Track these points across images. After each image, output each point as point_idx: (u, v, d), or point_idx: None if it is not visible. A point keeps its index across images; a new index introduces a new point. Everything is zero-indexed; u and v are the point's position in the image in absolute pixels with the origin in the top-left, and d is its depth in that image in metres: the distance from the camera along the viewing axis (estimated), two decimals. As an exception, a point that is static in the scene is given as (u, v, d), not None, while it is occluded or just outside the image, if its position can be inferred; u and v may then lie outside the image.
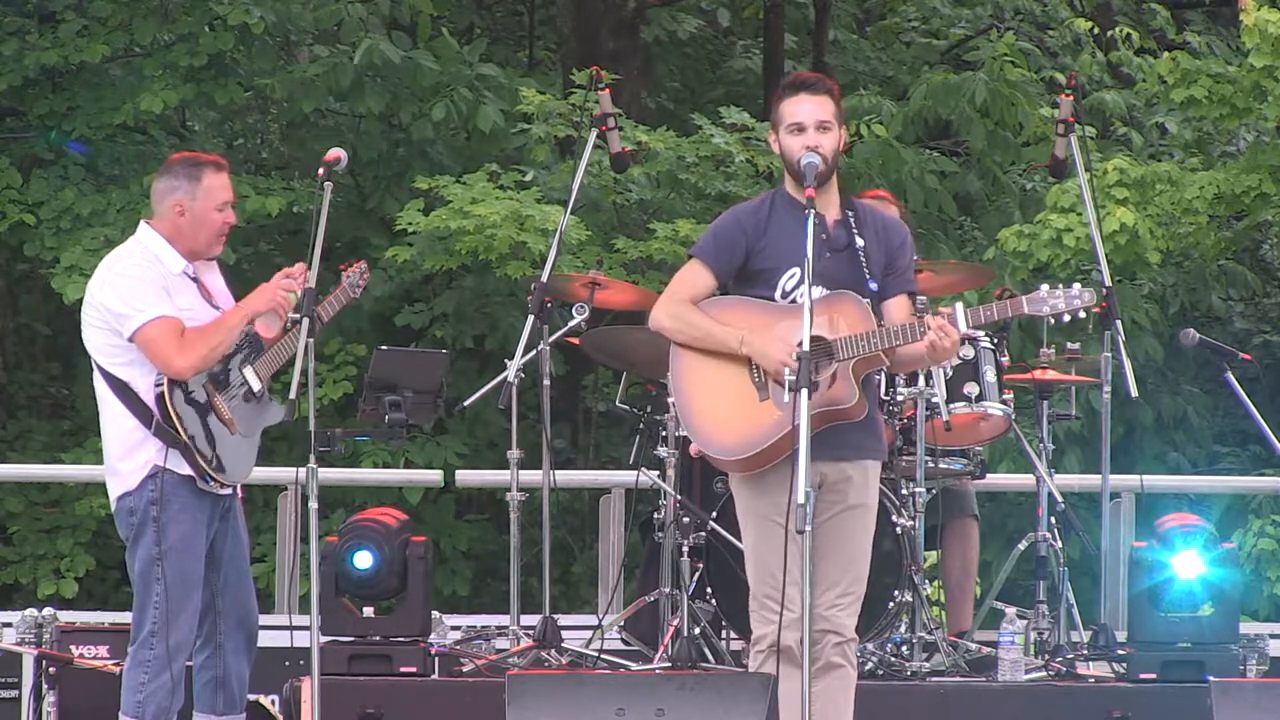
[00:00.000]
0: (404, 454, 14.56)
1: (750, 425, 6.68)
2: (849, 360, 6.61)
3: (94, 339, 7.25)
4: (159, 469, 7.14)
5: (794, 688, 6.51)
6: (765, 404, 6.67)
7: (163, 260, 7.24)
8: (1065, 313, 6.69)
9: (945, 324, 6.58)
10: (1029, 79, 15.01)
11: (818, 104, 6.76)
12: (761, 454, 6.67)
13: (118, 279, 7.22)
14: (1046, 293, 6.70)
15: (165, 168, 7.38)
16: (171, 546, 7.13)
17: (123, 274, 7.22)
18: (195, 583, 7.19)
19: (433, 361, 8.92)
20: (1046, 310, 6.70)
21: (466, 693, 8.29)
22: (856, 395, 6.62)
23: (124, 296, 7.16)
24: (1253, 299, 16.84)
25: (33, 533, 15.18)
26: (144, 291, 7.15)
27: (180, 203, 7.27)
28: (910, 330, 6.61)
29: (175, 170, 7.32)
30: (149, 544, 7.13)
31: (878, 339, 6.62)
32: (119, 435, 7.20)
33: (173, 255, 7.25)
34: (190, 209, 7.27)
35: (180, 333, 7.13)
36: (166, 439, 7.11)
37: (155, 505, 7.12)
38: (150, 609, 7.12)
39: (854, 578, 6.77)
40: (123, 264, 7.25)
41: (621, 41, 15.89)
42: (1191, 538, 8.58)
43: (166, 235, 7.27)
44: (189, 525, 7.17)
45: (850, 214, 6.82)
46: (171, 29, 14.87)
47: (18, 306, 16.71)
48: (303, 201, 14.65)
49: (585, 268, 12.72)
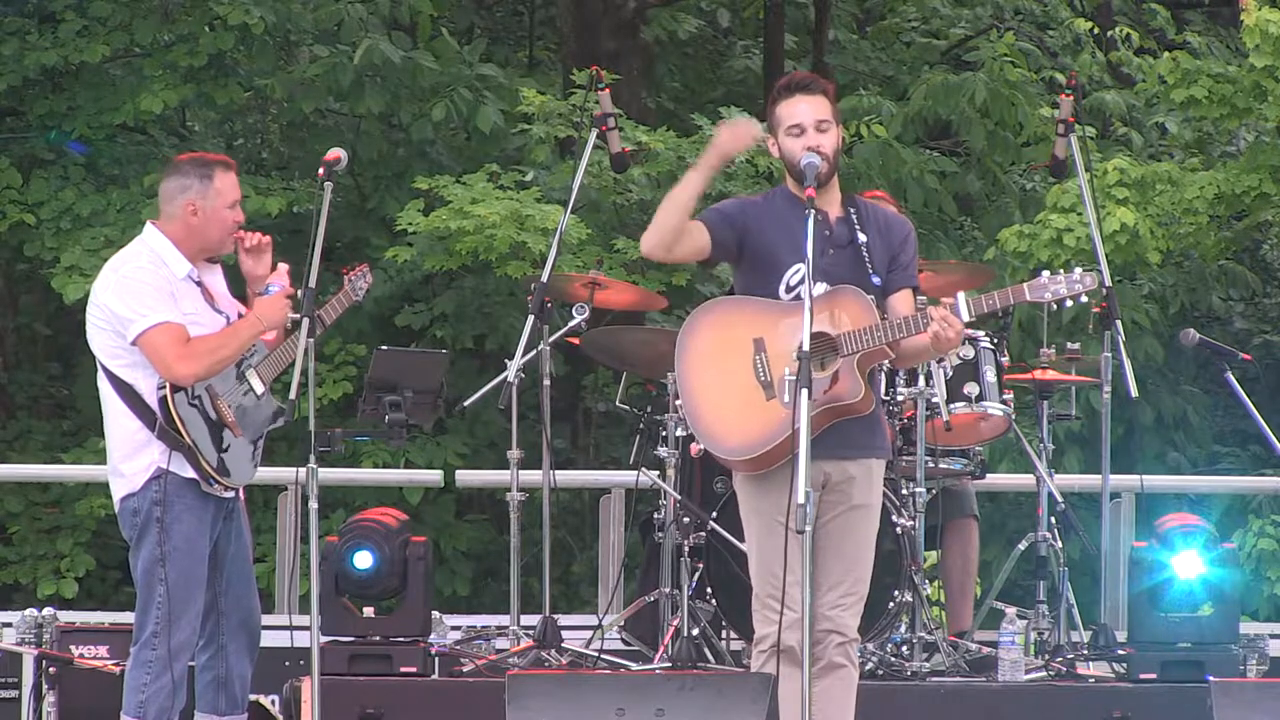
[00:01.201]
0: (404, 454, 14.56)
1: (757, 424, 6.68)
2: (853, 355, 6.62)
3: (97, 340, 7.24)
4: (162, 471, 7.13)
5: (795, 688, 6.51)
6: (772, 402, 6.67)
7: (168, 264, 7.22)
8: (1068, 298, 6.68)
9: (948, 314, 6.58)
10: (1029, 79, 15.01)
11: (814, 104, 6.76)
12: (768, 453, 6.66)
13: (122, 282, 7.20)
14: (1048, 279, 6.70)
15: (174, 168, 7.36)
16: (175, 548, 7.13)
17: (128, 277, 7.20)
18: (198, 584, 7.18)
19: (433, 361, 8.92)
20: (1049, 296, 6.69)
21: (466, 693, 8.30)
22: (862, 390, 6.63)
23: (128, 300, 7.14)
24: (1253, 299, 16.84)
25: (33, 533, 15.18)
26: (149, 296, 7.13)
27: (192, 202, 7.25)
28: (914, 322, 6.62)
29: (185, 170, 7.31)
30: (152, 545, 7.13)
31: (881, 333, 6.62)
32: (123, 437, 7.20)
33: (178, 259, 7.24)
34: (202, 208, 7.26)
35: (184, 340, 7.12)
36: (169, 442, 7.11)
37: (159, 506, 7.11)
38: (153, 610, 7.12)
39: (857, 578, 6.77)
40: (129, 266, 7.23)
41: (621, 41, 15.89)
42: (1191, 538, 8.58)
43: (174, 237, 7.25)
44: (192, 527, 7.16)
45: (852, 211, 6.84)
46: (171, 29, 14.87)
47: (18, 306, 16.70)
48: (303, 201, 14.66)
49: (585, 268, 12.72)
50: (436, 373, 8.63)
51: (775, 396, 6.66)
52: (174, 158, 7.44)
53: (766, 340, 6.72)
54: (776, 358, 6.69)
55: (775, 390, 6.67)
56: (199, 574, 7.18)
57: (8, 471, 14.45)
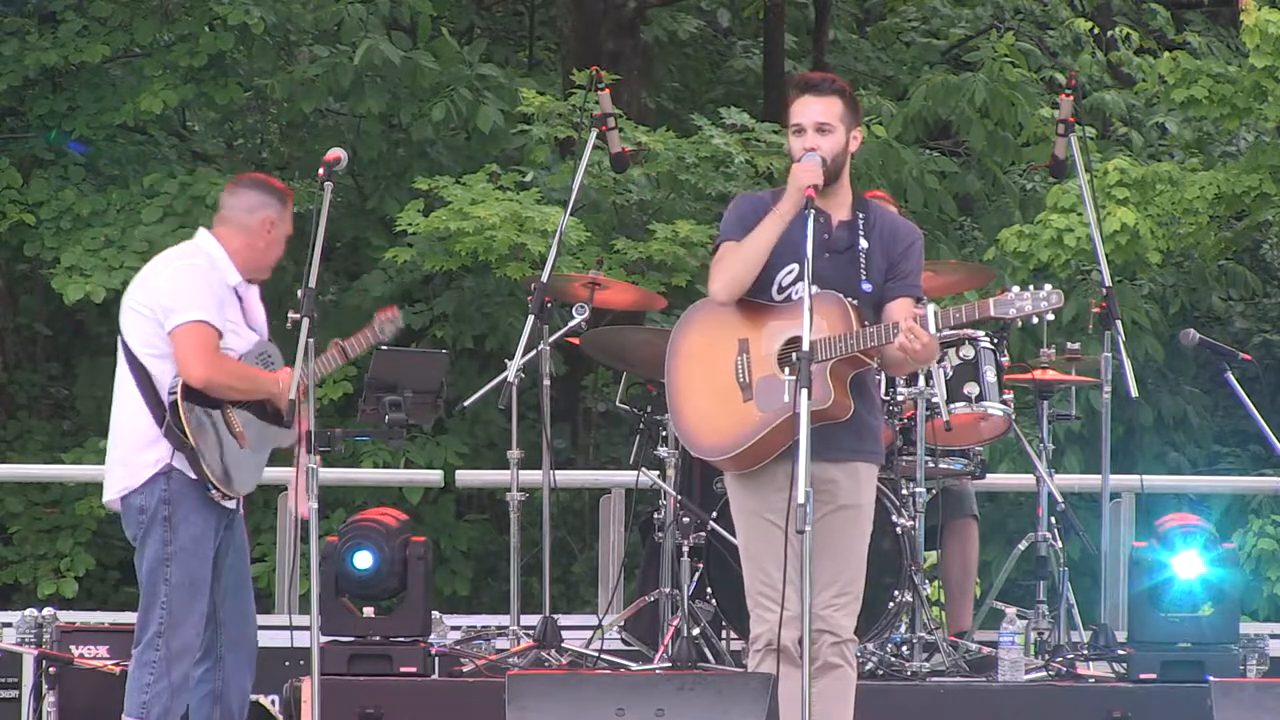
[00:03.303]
0: (404, 454, 14.56)
1: (732, 426, 6.67)
2: (826, 361, 6.58)
3: (135, 328, 7.20)
4: (170, 468, 7.13)
5: (792, 688, 6.52)
6: (748, 405, 6.67)
7: (220, 269, 7.26)
8: (1033, 314, 6.62)
9: (915, 325, 6.55)
10: (1029, 79, 15.01)
11: (823, 104, 6.73)
12: (743, 454, 6.66)
13: (180, 270, 7.22)
14: (1015, 295, 6.65)
15: (253, 183, 7.45)
16: (180, 548, 7.11)
17: (185, 269, 7.23)
18: (202, 586, 7.17)
19: (433, 361, 8.92)
20: (1013, 313, 6.65)
21: (466, 693, 8.30)
22: (833, 396, 6.59)
23: (180, 289, 7.16)
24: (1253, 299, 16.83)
25: (33, 533, 15.18)
26: (200, 292, 7.16)
27: (272, 220, 7.34)
28: (884, 332, 6.59)
29: (267, 189, 7.40)
30: (158, 544, 7.11)
31: (854, 340, 6.59)
32: (136, 427, 7.16)
33: (230, 268, 7.29)
34: (277, 228, 7.36)
35: (214, 348, 7.13)
36: (174, 442, 7.11)
37: (167, 505, 7.11)
38: (156, 610, 7.10)
39: (850, 578, 6.75)
40: (188, 260, 7.27)
41: (621, 41, 15.89)
42: (1191, 538, 8.58)
43: (233, 247, 7.30)
44: (199, 528, 7.15)
45: (861, 216, 6.81)
46: (171, 29, 14.87)
47: (18, 306, 16.71)
48: (303, 202, 14.61)
49: (585, 268, 12.72)
50: (436, 373, 8.62)
51: (752, 399, 6.66)
52: (247, 174, 7.49)
53: (750, 341, 6.72)
54: (758, 360, 6.69)
55: (753, 393, 6.66)
56: (204, 576, 7.17)
57: (8, 471, 14.45)
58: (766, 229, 6.67)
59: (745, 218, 6.77)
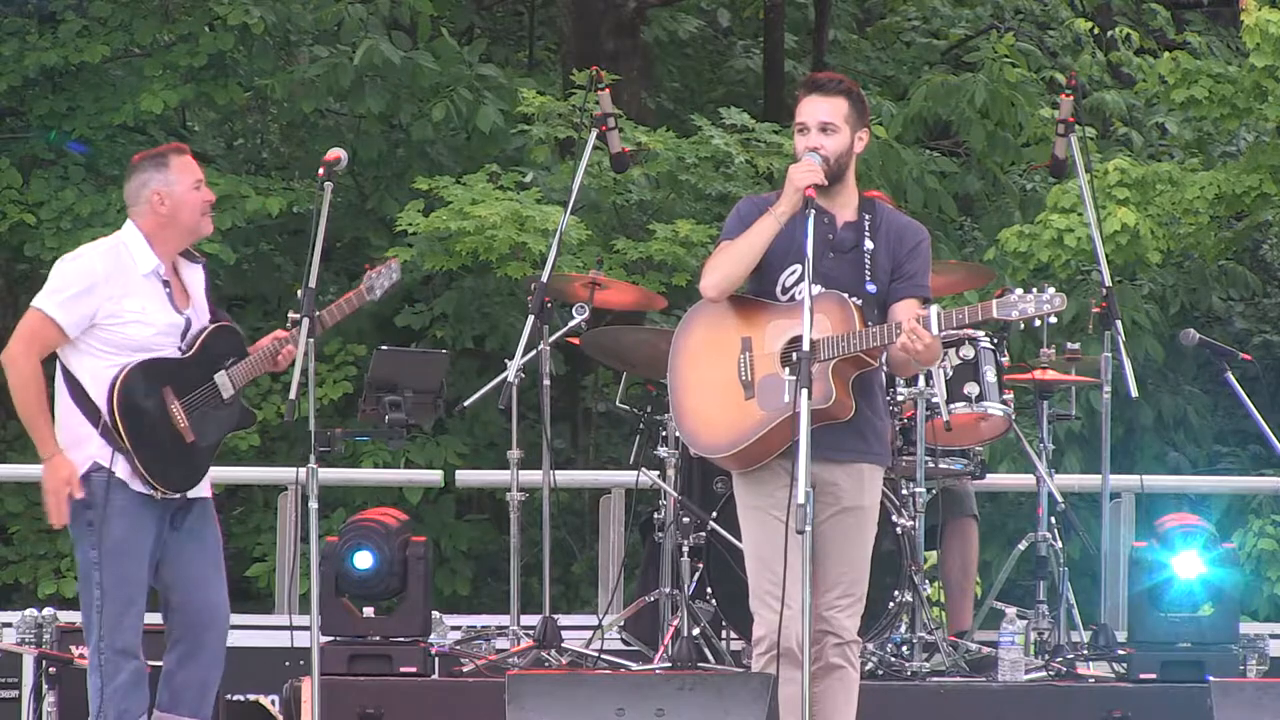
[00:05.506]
0: (404, 454, 14.56)
1: (733, 424, 6.68)
2: (828, 361, 6.59)
3: None
4: (97, 467, 7.04)
5: (793, 691, 6.52)
6: (750, 403, 6.68)
7: (134, 258, 7.18)
8: (1035, 317, 6.63)
9: (916, 326, 6.55)
10: (1029, 79, 15.01)
11: (828, 104, 6.74)
12: (744, 452, 6.67)
13: (61, 262, 7.23)
14: (1018, 297, 6.65)
15: (130, 170, 7.35)
16: (108, 550, 7.00)
17: (67, 260, 7.22)
18: (138, 585, 7.05)
19: (433, 362, 8.92)
20: (1015, 315, 6.65)
21: (466, 693, 8.30)
22: (834, 396, 6.60)
23: (51, 278, 7.17)
24: (1253, 299, 16.82)
25: (33, 533, 15.17)
26: (69, 286, 7.12)
27: (157, 191, 7.23)
28: (886, 332, 6.60)
29: (141, 166, 7.31)
30: (85, 548, 7.04)
31: (856, 340, 6.60)
32: (66, 429, 7.11)
33: (147, 255, 7.19)
34: (168, 194, 7.22)
35: (43, 340, 7.08)
36: (110, 441, 7.04)
37: (89, 509, 7.03)
38: (94, 613, 7.02)
39: (853, 580, 6.76)
40: (85, 252, 7.24)
41: (621, 41, 15.89)
42: (1191, 538, 8.58)
43: (149, 231, 7.22)
44: (126, 529, 7.03)
45: (867, 217, 6.81)
46: (171, 29, 14.88)
47: (18, 306, 16.69)
48: (303, 201, 14.65)
49: (585, 268, 12.72)
50: (436, 373, 8.62)
51: (754, 397, 6.67)
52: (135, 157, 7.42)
53: (753, 340, 6.73)
54: (760, 358, 6.71)
55: (754, 390, 6.67)
56: (138, 576, 7.05)
57: (8, 471, 14.43)
58: (760, 228, 6.68)
59: (747, 219, 6.78)
